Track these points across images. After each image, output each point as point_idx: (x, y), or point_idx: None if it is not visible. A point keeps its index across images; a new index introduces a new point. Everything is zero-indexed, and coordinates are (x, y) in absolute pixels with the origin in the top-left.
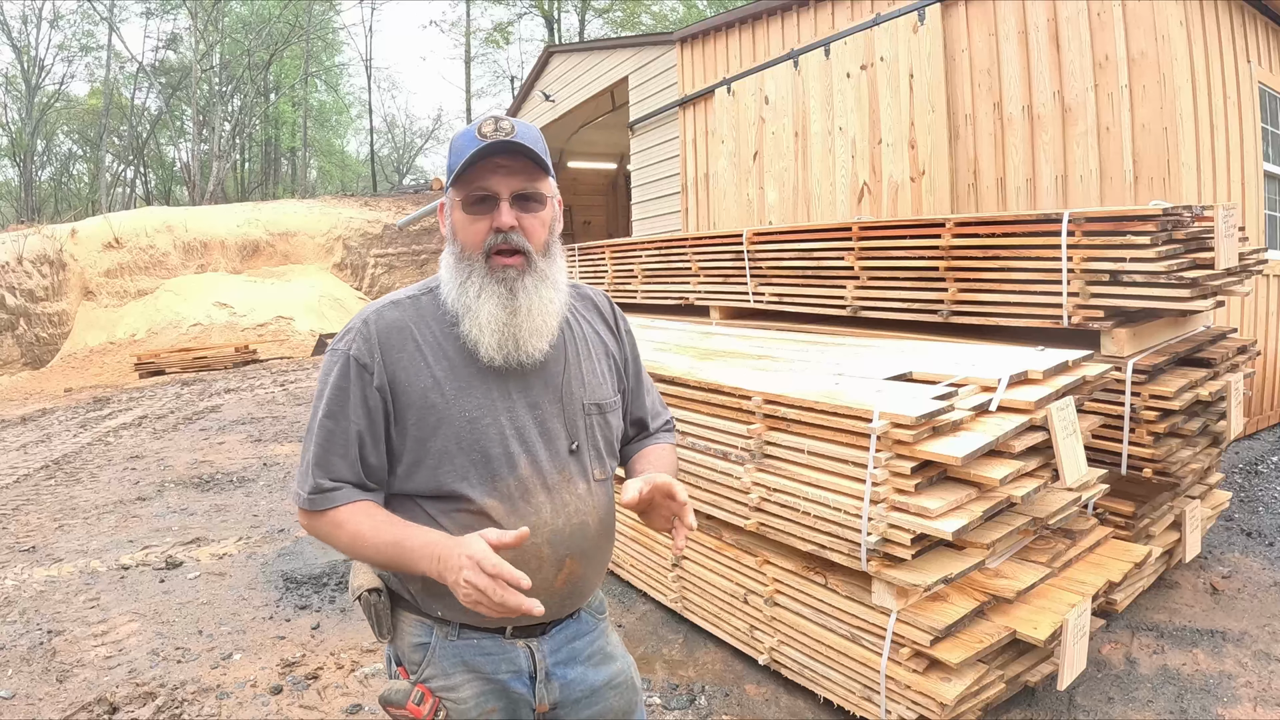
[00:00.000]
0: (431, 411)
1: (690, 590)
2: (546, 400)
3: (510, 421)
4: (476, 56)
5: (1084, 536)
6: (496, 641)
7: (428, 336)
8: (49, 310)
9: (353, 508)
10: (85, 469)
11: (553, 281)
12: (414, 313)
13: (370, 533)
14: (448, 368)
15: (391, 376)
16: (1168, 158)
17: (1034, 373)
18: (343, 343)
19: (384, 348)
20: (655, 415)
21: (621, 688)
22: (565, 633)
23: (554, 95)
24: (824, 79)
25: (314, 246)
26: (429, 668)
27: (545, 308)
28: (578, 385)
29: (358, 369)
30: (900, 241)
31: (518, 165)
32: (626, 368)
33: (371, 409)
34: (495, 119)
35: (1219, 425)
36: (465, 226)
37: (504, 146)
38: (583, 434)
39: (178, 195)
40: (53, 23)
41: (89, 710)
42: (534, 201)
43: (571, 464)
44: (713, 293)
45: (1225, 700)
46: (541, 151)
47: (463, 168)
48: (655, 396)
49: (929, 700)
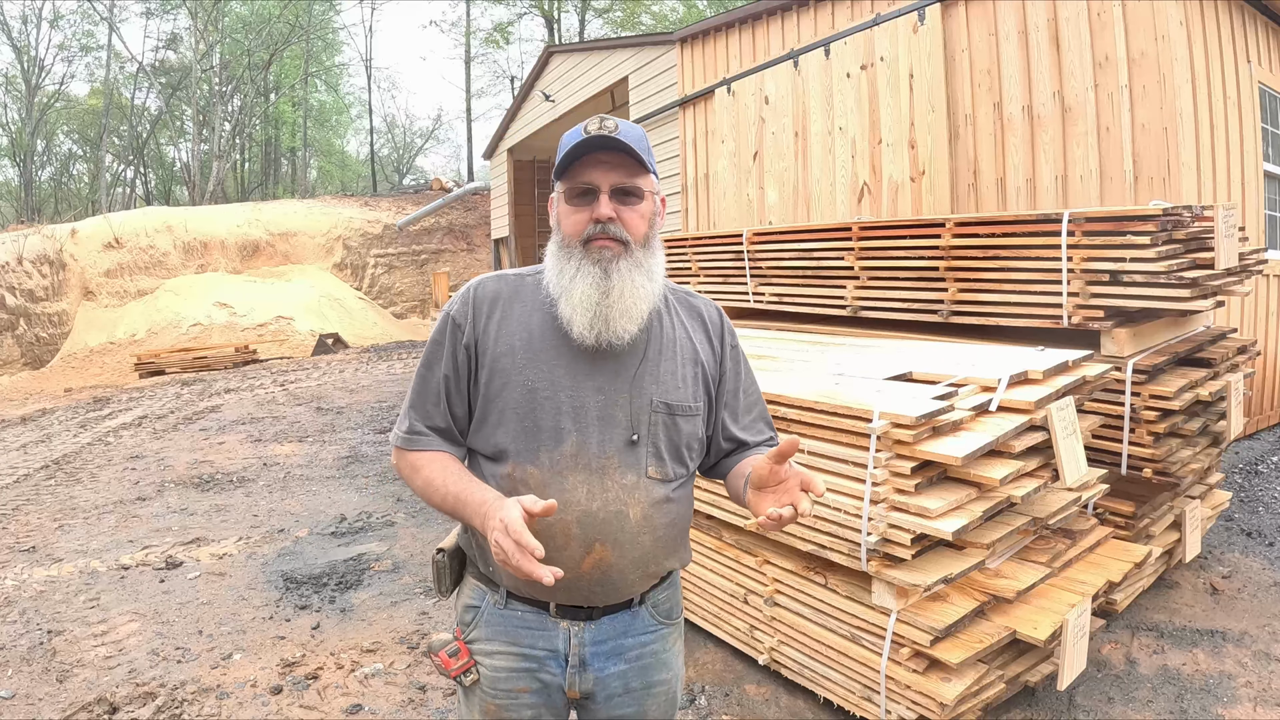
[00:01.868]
0: (500, 374)
1: (690, 590)
2: (615, 387)
3: (570, 399)
4: (476, 56)
5: (1084, 536)
6: (540, 617)
7: (518, 309)
8: (49, 310)
9: (432, 455)
10: (85, 469)
11: (648, 271)
12: (513, 287)
13: (440, 481)
14: (526, 339)
15: (479, 336)
16: (1168, 158)
17: (1034, 373)
18: (449, 305)
19: (477, 310)
20: (760, 432)
21: (662, 698)
22: (615, 625)
23: (554, 95)
24: (824, 79)
25: (314, 246)
26: (475, 630)
27: (637, 291)
28: (650, 381)
29: (453, 326)
30: (900, 241)
31: (618, 160)
32: (723, 382)
33: (459, 363)
34: (601, 118)
35: (1219, 425)
36: (567, 217)
37: (605, 142)
38: (645, 428)
39: (178, 195)
40: (53, 23)
41: (89, 710)
42: (633, 196)
43: (626, 454)
44: (713, 293)
45: (1225, 700)
46: (643, 150)
47: (566, 161)
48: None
49: (929, 700)
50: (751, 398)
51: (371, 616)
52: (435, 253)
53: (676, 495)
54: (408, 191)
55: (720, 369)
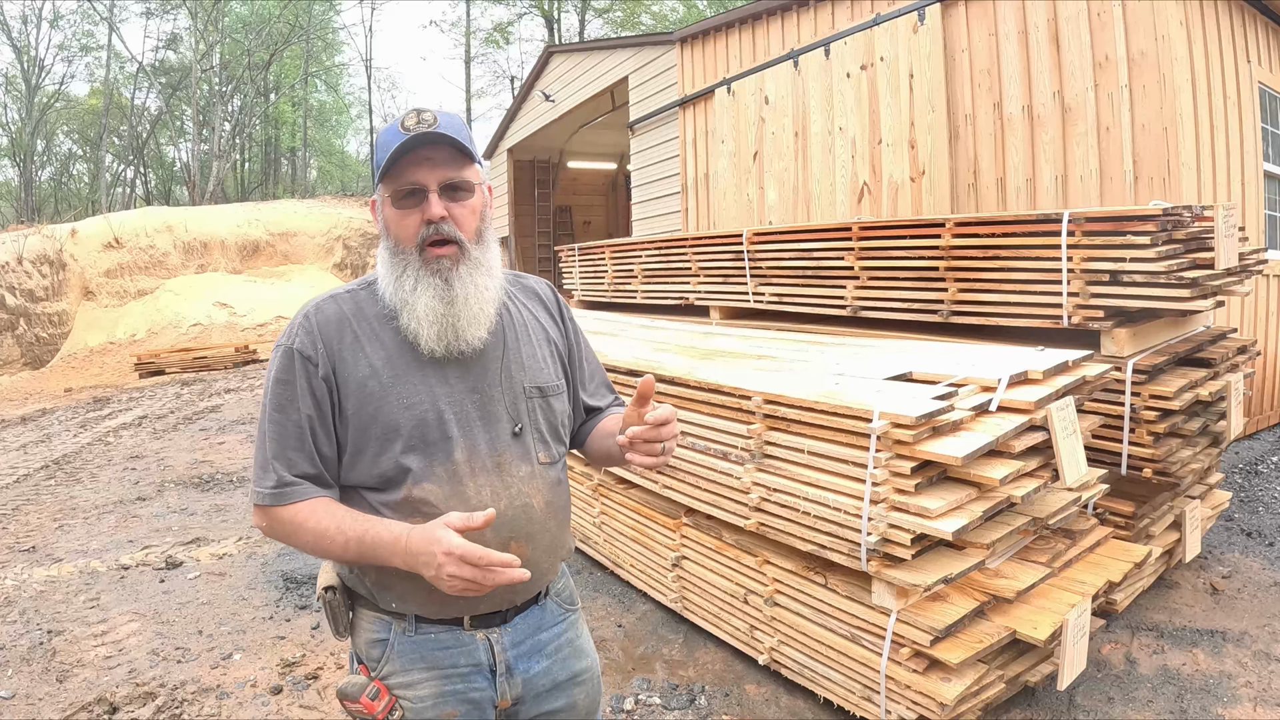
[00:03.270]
0: (369, 399)
1: (690, 590)
2: (487, 384)
3: (450, 406)
4: (476, 56)
5: (1084, 536)
6: (455, 634)
7: (365, 329)
8: (49, 310)
9: (313, 504)
10: (85, 469)
11: (487, 269)
12: (352, 306)
13: (334, 529)
14: (385, 357)
15: (334, 366)
16: (1168, 158)
17: (1034, 373)
18: (286, 339)
19: (325, 339)
20: (604, 397)
21: (587, 685)
22: (528, 623)
23: (554, 95)
24: (824, 79)
25: (314, 246)
26: (387, 665)
27: (482, 295)
28: (517, 369)
29: (302, 361)
30: (900, 241)
31: (443, 155)
32: (571, 355)
33: (319, 398)
34: (418, 111)
35: (1219, 425)
36: (397, 221)
37: (427, 138)
38: (525, 417)
39: (178, 195)
40: (53, 23)
41: (89, 710)
42: (462, 190)
43: (514, 447)
44: (713, 293)
45: (1225, 700)
46: (465, 140)
47: (389, 163)
48: (602, 379)
49: (929, 700)
50: (592, 365)
51: None
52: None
53: (563, 476)
54: None
55: (567, 342)
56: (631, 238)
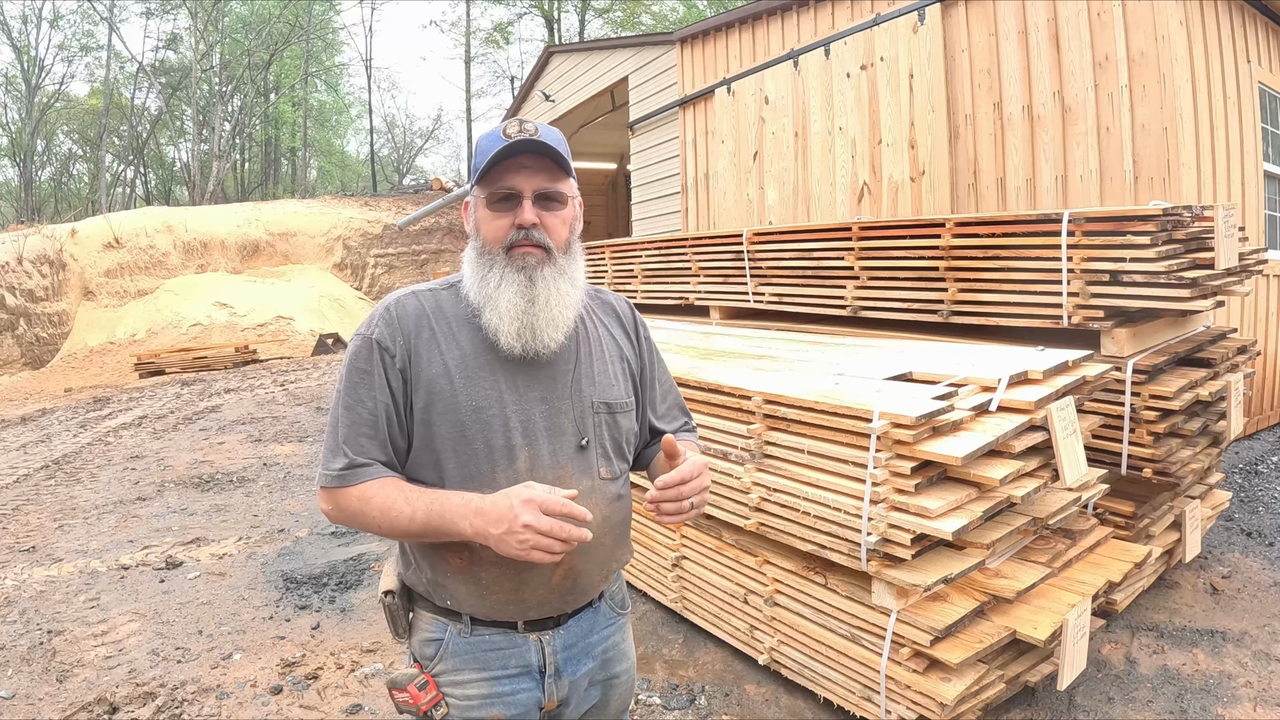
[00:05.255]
0: (438, 398)
1: (690, 590)
2: (556, 395)
3: (517, 414)
4: (476, 56)
5: (1084, 536)
6: (509, 636)
7: (443, 327)
8: (49, 310)
9: (382, 482)
10: (85, 469)
11: (571, 278)
12: (432, 304)
13: (402, 500)
14: (459, 358)
15: (410, 360)
16: (1168, 158)
17: (1034, 373)
18: (366, 329)
19: (404, 332)
20: (674, 420)
21: (623, 687)
22: (580, 625)
23: (554, 95)
24: (824, 79)
25: (314, 246)
26: (440, 663)
27: (562, 299)
28: (588, 383)
29: (380, 351)
30: (900, 241)
31: (540, 165)
32: (644, 374)
33: (394, 389)
34: (520, 120)
35: (1219, 425)
36: (488, 222)
37: (527, 146)
38: (591, 431)
39: (178, 195)
40: (53, 23)
41: (89, 710)
42: (555, 201)
43: (577, 460)
44: (713, 293)
45: (1225, 700)
46: (564, 152)
47: (487, 166)
48: (675, 401)
49: (929, 700)
50: (665, 386)
51: (371, 616)
52: (435, 253)
53: (625, 491)
54: (408, 191)
55: (640, 362)
56: (631, 237)
